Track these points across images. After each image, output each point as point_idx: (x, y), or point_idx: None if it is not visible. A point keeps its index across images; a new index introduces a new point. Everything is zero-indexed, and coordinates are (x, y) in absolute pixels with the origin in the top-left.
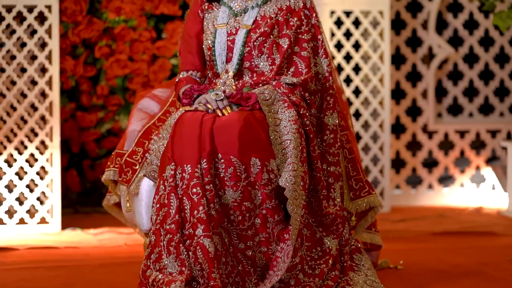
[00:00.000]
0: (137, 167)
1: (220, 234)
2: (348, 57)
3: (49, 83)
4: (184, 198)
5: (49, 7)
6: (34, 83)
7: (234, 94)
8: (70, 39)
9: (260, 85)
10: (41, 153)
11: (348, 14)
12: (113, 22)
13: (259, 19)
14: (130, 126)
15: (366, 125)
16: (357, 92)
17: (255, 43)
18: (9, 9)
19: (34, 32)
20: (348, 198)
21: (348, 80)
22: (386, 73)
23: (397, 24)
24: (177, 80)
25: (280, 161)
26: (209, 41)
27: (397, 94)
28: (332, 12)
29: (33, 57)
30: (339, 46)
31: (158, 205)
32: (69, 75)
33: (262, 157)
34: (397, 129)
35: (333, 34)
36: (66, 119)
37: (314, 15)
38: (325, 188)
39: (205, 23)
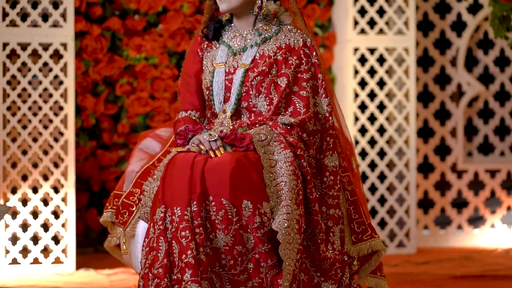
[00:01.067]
0: (133, 208)
1: (211, 279)
2: (372, 95)
3: (64, 121)
4: (173, 241)
5: (64, 45)
6: (49, 121)
7: (228, 135)
8: (91, 77)
9: (257, 125)
10: (56, 192)
11: (372, 51)
12: (134, 60)
13: (258, 58)
14: (129, 166)
15: (391, 165)
16: (381, 130)
17: (252, 82)
18: (24, 47)
19: (49, 70)
20: (349, 242)
21: (372, 118)
22: (412, 111)
23: (425, 61)
24: (176, 120)
25: (274, 204)
26: (207, 80)
27: (425, 132)
28: (356, 49)
29: (49, 95)
30: (363, 83)
31: (147, 249)
32: (90, 113)
33: (254, 200)
34: (425, 168)
35: (356, 72)
36: (86, 157)
37: (314, 53)
38: (323, 232)
39: (204, 62)
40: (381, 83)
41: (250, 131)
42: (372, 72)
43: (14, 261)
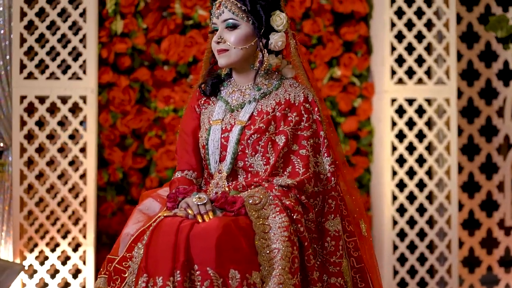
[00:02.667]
0: (126, 274)
1: None
2: (411, 148)
3: (84, 177)
4: None
5: (84, 98)
6: (68, 176)
7: (218, 198)
8: (118, 130)
9: (252, 186)
10: (75, 251)
11: (410, 102)
12: (163, 112)
13: (256, 115)
14: (125, 229)
15: (431, 221)
16: (421, 185)
17: (249, 140)
18: (42, 99)
19: (68, 123)
20: None
21: (411, 173)
22: (453, 165)
23: (470, 112)
24: (171, 181)
25: (266, 273)
26: (203, 138)
27: (471, 187)
28: (393, 100)
29: (68, 150)
30: (401, 136)
31: None
32: (117, 166)
33: (242, 269)
34: (471, 224)
35: (394, 124)
36: (113, 212)
37: (316, 109)
38: None
39: (201, 118)
40: (421, 136)
41: (243, 193)
42: (410, 124)
43: None
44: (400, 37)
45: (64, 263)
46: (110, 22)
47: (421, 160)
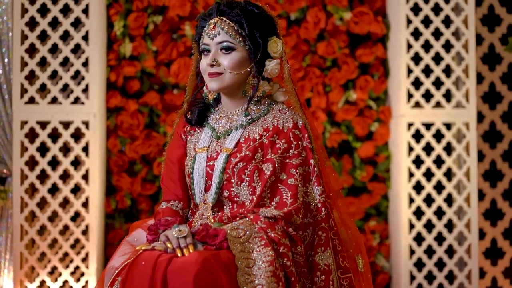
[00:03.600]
0: None
1: None
2: (429, 174)
3: (86, 204)
4: None
5: (86, 123)
6: (69, 204)
7: (199, 231)
8: (127, 155)
9: (237, 218)
10: (77, 281)
11: (428, 126)
12: None
13: (242, 142)
14: (110, 261)
15: (450, 250)
16: (439, 213)
17: (234, 169)
18: (43, 125)
19: (69, 150)
20: None
21: (429, 200)
22: (473, 191)
23: (492, 136)
24: (156, 212)
25: None
26: (189, 167)
27: (493, 214)
28: (410, 125)
29: (68, 176)
30: (418, 161)
31: None
32: (126, 193)
33: None
34: (493, 254)
35: (411, 149)
36: (121, 240)
37: (306, 135)
38: None
39: (188, 146)
40: (439, 161)
41: (227, 226)
42: (428, 148)
43: None
44: (417, 59)
45: None
46: (119, 45)
47: (439, 187)
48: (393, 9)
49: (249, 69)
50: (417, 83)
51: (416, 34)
